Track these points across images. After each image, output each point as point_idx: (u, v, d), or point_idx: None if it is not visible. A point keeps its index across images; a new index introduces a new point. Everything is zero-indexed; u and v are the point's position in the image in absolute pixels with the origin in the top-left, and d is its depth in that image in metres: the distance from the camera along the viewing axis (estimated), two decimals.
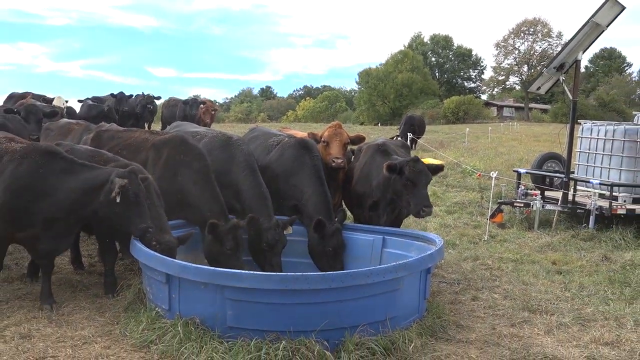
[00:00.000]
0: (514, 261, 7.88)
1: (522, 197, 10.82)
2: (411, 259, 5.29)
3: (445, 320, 5.47)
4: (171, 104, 19.59)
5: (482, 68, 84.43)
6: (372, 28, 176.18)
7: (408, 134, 22.10)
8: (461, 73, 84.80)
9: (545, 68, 10.81)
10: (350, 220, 7.39)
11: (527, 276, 7.18)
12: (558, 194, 10.42)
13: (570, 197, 10.08)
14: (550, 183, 11.56)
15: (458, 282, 6.88)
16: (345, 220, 6.73)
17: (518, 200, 10.64)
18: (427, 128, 29.72)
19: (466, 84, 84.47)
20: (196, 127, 8.55)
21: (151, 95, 18.82)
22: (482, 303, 6.17)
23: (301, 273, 4.65)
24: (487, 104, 70.83)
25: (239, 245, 5.81)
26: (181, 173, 6.23)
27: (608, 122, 11.41)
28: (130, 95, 18.16)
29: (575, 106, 10.31)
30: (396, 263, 5.06)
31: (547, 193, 10.84)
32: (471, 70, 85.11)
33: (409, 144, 19.65)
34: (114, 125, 8.45)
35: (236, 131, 18.01)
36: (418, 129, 24.14)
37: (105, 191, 5.20)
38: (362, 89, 74.95)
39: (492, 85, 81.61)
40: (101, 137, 7.10)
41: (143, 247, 5.23)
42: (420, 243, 6.10)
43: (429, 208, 6.12)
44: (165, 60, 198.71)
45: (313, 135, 7.34)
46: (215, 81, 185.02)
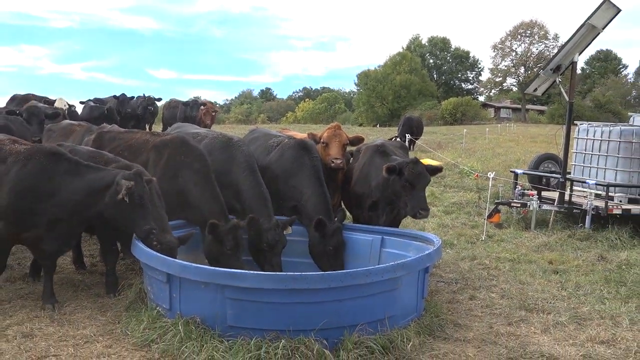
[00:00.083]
0: (511, 261, 7.89)
1: (519, 198, 10.84)
2: (409, 259, 5.30)
3: (443, 319, 5.47)
4: (172, 106, 19.62)
5: (480, 70, 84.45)
6: (371, 30, 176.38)
7: (406, 135, 22.13)
8: (459, 75, 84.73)
9: (542, 70, 10.84)
10: (349, 220, 7.39)
11: (524, 275, 7.19)
12: (555, 194, 10.43)
13: (566, 198, 10.10)
14: (547, 183, 11.58)
15: (456, 282, 6.88)
16: (344, 220, 6.74)
17: (515, 200, 10.65)
18: (425, 129, 29.73)
19: (464, 86, 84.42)
20: (197, 129, 8.54)
21: (152, 96, 18.80)
22: (480, 302, 6.18)
23: (301, 273, 4.65)
24: (485, 106, 70.75)
25: (239, 245, 5.82)
26: (182, 174, 6.23)
27: (604, 123, 11.46)
28: (131, 97, 18.15)
29: (571, 107, 10.33)
30: (395, 263, 5.07)
31: (544, 193, 10.86)
32: (469, 72, 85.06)
33: (408, 145, 19.65)
34: (115, 126, 8.45)
35: (236, 132, 18.05)
36: (416, 130, 24.19)
37: (110, 193, 5.20)
38: (361, 91, 74.89)
39: (490, 86, 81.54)
40: (102, 138, 7.10)
41: (144, 247, 5.23)
42: (418, 243, 6.10)
43: (426, 211, 6.14)
44: (165, 62, 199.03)
45: (312, 135, 7.33)
46: (215, 83, 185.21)
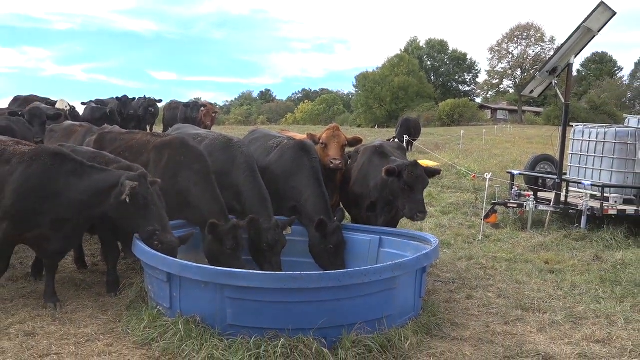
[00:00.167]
0: (508, 260, 7.89)
1: (516, 198, 10.85)
2: (407, 259, 5.30)
3: (440, 318, 5.47)
4: (172, 107, 19.67)
5: (477, 72, 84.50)
6: (370, 33, 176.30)
7: (404, 136, 22.14)
8: (456, 77, 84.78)
9: (538, 72, 10.84)
10: (347, 220, 7.39)
11: (521, 275, 7.19)
12: (551, 195, 10.44)
13: (562, 198, 10.10)
14: (543, 184, 11.58)
15: (453, 281, 6.88)
16: (343, 219, 6.74)
17: (512, 201, 10.67)
18: (423, 130, 29.74)
19: (461, 88, 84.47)
20: (197, 130, 8.53)
21: (153, 98, 18.83)
22: (477, 301, 6.18)
23: (300, 272, 4.65)
24: (482, 107, 70.84)
25: (239, 244, 5.81)
26: (182, 174, 6.22)
27: (599, 125, 11.47)
28: (132, 98, 18.19)
29: (567, 109, 10.34)
30: (392, 262, 5.07)
31: (540, 194, 10.88)
32: (466, 74, 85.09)
33: (405, 146, 19.66)
34: (116, 127, 8.44)
35: (236, 133, 18.05)
36: (414, 131, 24.20)
37: (115, 193, 5.21)
38: (360, 92, 74.92)
39: (486, 88, 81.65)
40: (104, 139, 7.09)
41: (145, 247, 5.22)
42: (416, 243, 6.11)
43: (423, 213, 6.17)
44: (166, 63, 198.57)
45: (312, 136, 7.33)
46: (215, 84, 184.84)
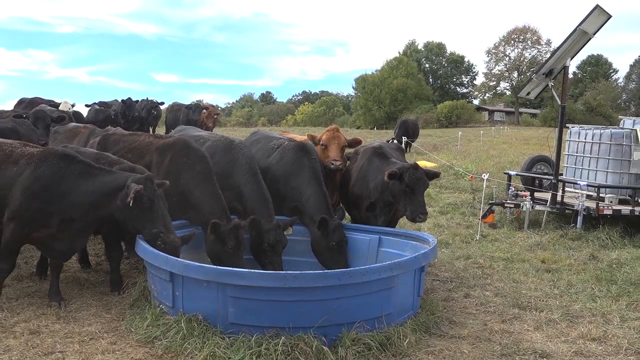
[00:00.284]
0: (505, 260, 7.88)
1: (513, 198, 10.86)
2: (406, 258, 5.29)
3: (438, 316, 5.47)
4: (175, 109, 19.74)
5: (474, 74, 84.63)
6: (369, 36, 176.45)
7: (403, 138, 22.15)
8: (454, 79, 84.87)
9: (534, 74, 10.84)
10: (347, 220, 7.38)
11: (518, 274, 7.19)
12: (547, 195, 10.44)
13: (558, 198, 10.10)
14: (539, 184, 11.59)
15: (451, 280, 6.88)
16: (344, 218, 6.74)
17: (508, 201, 10.67)
18: (421, 132, 29.77)
19: (459, 90, 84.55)
20: (199, 131, 8.53)
21: (155, 101, 18.89)
22: (474, 300, 6.18)
23: (300, 271, 4.65)
24: (479, 109, 70.90)
25: (241, 244, 5.80)
26: (184, 175, 6.22)
27: (595, 126, 11.46)
28: (135, 100, 18.25)
29: (563, 111, 10.34)
30: (391, 262, 5.08)
31: (537, 194, 10.87)
32: (463, 76, 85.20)
33: (404, 147, 19.68)
34: (120, 129, 8.44)
35: (237, 135, 18.07)
36: (412, 133, 24.25)
37: (121, 195, 5.21)
38: (359, 94, 74.96)
39: (484, 90, 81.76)
40: (107, 141, 7.09)
41: (148, 247, 5.22)
42: (414, 242, 6.10)
43: (424, 215, 6.17)
44: (168, 66, 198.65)
45: (312, 137, 7.33)
46: (217, 87, 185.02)
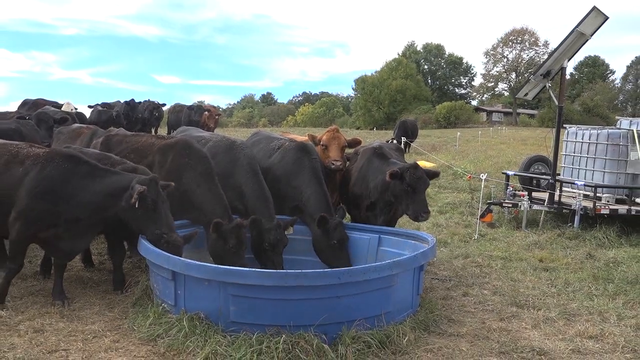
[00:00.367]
0: (503, 259, 7.88)
1: (511, 198, 10.85)
2: (405, 257, 5.30)
3: (437, 315, 5.47)
4: (177, 110, 19.82)
5: (472, 75, 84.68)
6: (368, 37, 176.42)
7: (402, 138, 22.15)
8: (452, 80, 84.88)
9: (532, 75, 10.84)
10: (347, 220, 7.38)
11: (515, 273, 7.19)
12: (545, 195, 10.43)
13: (556, 198, 10.10)
14: (537, 184, 11.58)
15: (450, 279, 6.88)
16: (344, 217, 6.73)
17: (506, 200, 10.66)
18: (420, 132, 29.79)
19: (457, 91, 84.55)
20: (201, 132, 8.53)
21: (157, 102, 18.92)
22: (473, 299, 6.18)
23: (301, 270, 4.65)
24: (477, 110, 70.90)
25: (242, 243, 5.80)
26: (186, 175, 6.22)
27: (592, 127, 11.45)
28: (138, 102, 18.30)
29: (561, 111, 10.34)
30: (391, 261, 5.08)
31: (534, 194, 10.85)
32: (462, 77, 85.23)
33: (403, 147, 19.68)
34: (122, 130, 8.44)
35: (239, 135, 18.06)
36: (411, 133, 24.27)
37: (126, 196, 5.22)
38: (358, 95, 74.94)
39: (482, 91, 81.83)
40: (110, 141, 7.10)
41: (150, 246, 5.23)
42: (413, 242, 6.10)
43: (427, 213, 6.15)
44: (170, 68, 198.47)
45: (312, 137, 7.34)
46: (218, 88, 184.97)
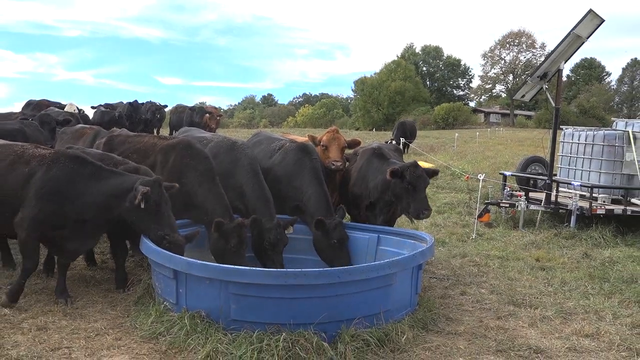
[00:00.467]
0: (500, 258, 7.88)
1: (508, 198, 10.85)
2: (404, 256, 5.30)
3: (435, 313, 5.47)
4: (178, 111, 19.90)
5: (470, 77, 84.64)
6: (368, 39, 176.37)
7: (401, 139, 22.16)
8: (450, 82, 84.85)
9: (529, 77, 10.83)
10: (347, 220, 7.38)
11: (513, 272, 7.19)
12: (541, 195, 10.44)
13: (552, 198, 10.10)
14: (534, 185, 11.58)
15: (448, 278, 6.88)
16: (344, 217, 6.73)
17: (504, 201, 10.67)
18: (419, 133, 29.79)
19: (455, 92, 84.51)
20: (203, 133, 8.54)
21: (159, 103, 18.99)
22: (470, 297, 6.18)
23: (301, 269, 4.66)
24: (475, 111, 70.84)
25: (243, 242, 5.80)
26: (187, 175, 6.22)
27: (588, 128, 11.46)
28: (140, 103, 18.39)
29: (557, 113, 10.34)
30: (390, 260, 5.08)
31: (531, 194, 10.86)
32: (460, 79, 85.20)
33: (402, 148, 19.69)
34: (125, 130, 8.44)
35: (240, 136, 18.07)
36: (410, 134, 24.27)
37: (130, 197, 5.22)
38: (358, 97, 74.89)
39: (480, 93, 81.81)
40: (113, 142, 7.10)
41: (152, 245, 5.23)
42: (412, 241, 6.10)
43: (428, 211, 6.15)
44: (172, 69, 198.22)
45: (312, 138, 7.34)
46: (219, 89, 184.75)
